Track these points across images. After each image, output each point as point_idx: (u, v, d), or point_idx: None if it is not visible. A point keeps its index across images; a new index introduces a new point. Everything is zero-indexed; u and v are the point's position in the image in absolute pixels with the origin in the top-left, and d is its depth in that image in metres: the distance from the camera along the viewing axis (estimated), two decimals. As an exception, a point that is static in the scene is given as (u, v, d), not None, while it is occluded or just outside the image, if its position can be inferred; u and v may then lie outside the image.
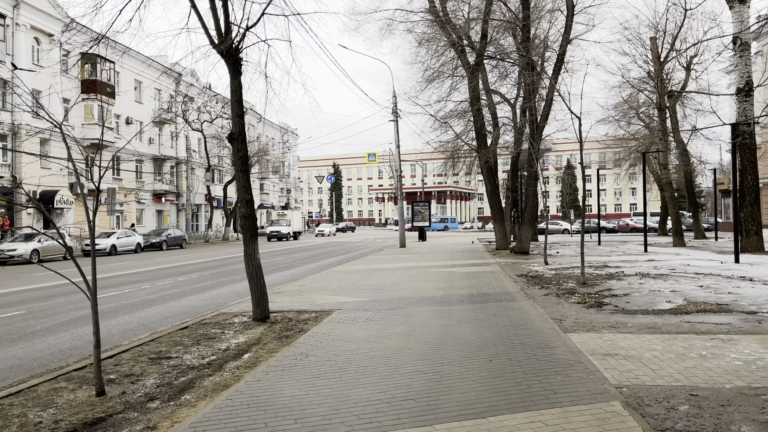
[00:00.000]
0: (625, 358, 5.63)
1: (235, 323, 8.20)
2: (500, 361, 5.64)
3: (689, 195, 34.58)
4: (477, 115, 23.78)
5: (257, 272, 8.28)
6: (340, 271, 16.35)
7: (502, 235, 25.02)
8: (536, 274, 14.17)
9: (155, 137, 48.45)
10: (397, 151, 31.02)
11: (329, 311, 9.04)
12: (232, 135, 8.21)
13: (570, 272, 14.23)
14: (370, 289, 11.73)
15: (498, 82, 27.44)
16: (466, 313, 8.59)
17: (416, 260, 20.03)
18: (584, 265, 12.06)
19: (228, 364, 5.90)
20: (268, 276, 17.23)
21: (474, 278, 13.50)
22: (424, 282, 12.92)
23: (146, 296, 12.48)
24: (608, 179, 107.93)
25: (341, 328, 7.62)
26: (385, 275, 14.74)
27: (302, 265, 20.81)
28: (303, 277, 15.66)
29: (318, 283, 13.37)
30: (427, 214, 39.19)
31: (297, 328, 7.74)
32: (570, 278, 12.83)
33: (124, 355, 6.45)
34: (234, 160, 8.28)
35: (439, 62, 24.76)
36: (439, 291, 11.26)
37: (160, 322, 9.27)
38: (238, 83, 8.17)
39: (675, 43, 26.61)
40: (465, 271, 15.35)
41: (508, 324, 7.61)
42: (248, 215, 8.24)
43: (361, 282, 13.22)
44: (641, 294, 10.00)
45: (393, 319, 8.20)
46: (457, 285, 12.22)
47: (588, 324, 7.47)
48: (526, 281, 12.70)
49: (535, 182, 21.92)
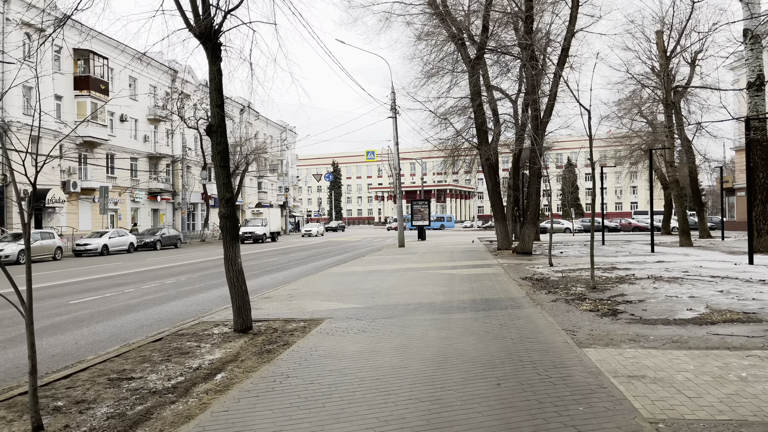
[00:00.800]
0: (654, 382, 4.87)
1: (214, 334, 7.44)
2: (509, 385, 4.88)
3: (694, 193, 33.83)
4: (478, 111, 23.01)
5: (238, 278, 7.52)
6: (335, 273, 15.59)
7: (503, 235, 24.26)
8: (541, 276, 13.41)
9: (150, 135, 47.66)
10: (396, 148, 30.26)
11: (319, 320, 8.28)
12: (210, 127, 7.45)
13: (577, 275, 13.47)
14: (365, 294, 10.97)
15: (499, 77, 26.71)
16: (468, 322, 7.83)
17: (415, 261, 19.28)
18: (594, 268, 11.29)
19: (196, 387, 5.14)
20: (260, 278, 16.60)
21: (476, 281, 12.75)
22: (422, 286, 12.16)
23: (127, 301, 11.72)
24: (609, 178, 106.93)
25: (330, 341, 6.86)
26: (382, 278, 13.98)
27: (297, 266, 20.05)
28: (296, 279, 14.91)
29: (311, 286, 12.61)
30: (427, 213, 38.43)
31: (281, 340, 6.98)
32: (578, 282, 12.07)
33: (82, 375, 5.69)
34: (213, 154, 7.53)
35: (439, 57, 24.02)
36: (438, 296, 10.50)
37: (135, 331, 8.51)
38: (217, 70, 7.40)
39: (682, 36, 25.85)
40: (466, 274, 14.59)
41: (515, 336, 6.85)
42: (228, 215, 7.48)
43: (356, 286, 12.46)
44: (657, 300, 9.24)
45: (388, 329, 7.44)
46: (458, 289, 11.46)
47: (604, 336, 6.71)
48: (531, 285, 11.94)
49: (539, 180, 21.16)
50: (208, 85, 7.55)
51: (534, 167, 20.55)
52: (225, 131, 7.50)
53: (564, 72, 19.05)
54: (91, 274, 18.23)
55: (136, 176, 45.44)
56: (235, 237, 7.55)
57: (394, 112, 30.11)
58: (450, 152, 29.10)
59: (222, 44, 7.51)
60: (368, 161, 40.37)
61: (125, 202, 43.93)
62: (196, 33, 7.27)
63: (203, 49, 7.50)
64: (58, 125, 37.09)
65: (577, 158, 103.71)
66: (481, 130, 23.66)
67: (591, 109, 12.02)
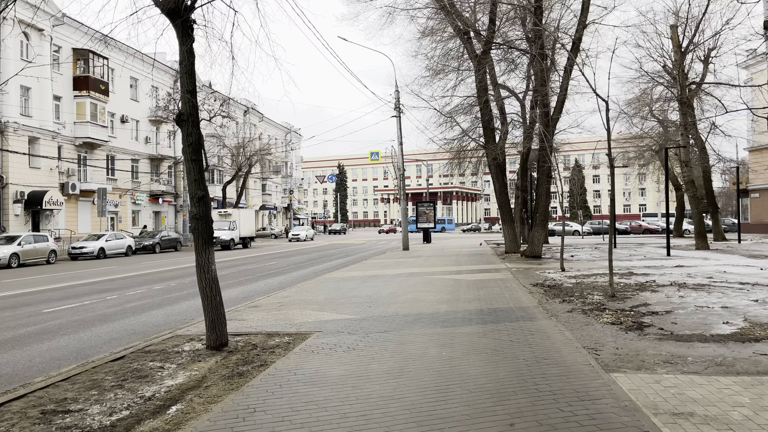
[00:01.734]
0: (705, 422, 3.91)
1: (184, 352, 6.53)
2: (526, 426, 3.93)
3: (708, 195, 32.64)
4: (484, 108, 22.05)
5: (212, 287, 6.61)
6: (333, 279, 14.66)
7: (511, 238, 23.26)
8: (554, 283, 12.42)
9: (152, 136, 46.97)
10: (400, 148, 29.32)
11: (306, 334, 7.35)
12: (180, 116, 6.55)
13: (592, 281, 12.47)
14: (361, 303, 10.03)
15: (506, 75, 25.73)
16: (474, 338, 6.88)
17: (419, 265, 18.32)
18: (612, 274, 10.29)
19: (141, 425, 4.21)
20: (254, 283, 15.65)
21: (483, 288, 11.78)
22: (425, 293, 11.21)
23: (105, 310, 10.84)
24: (618, 179, 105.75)
25: (314, 361, 5.93)
26: (382, 284, 13.04)
27: (295, 271, 19.14)
28: (291, 285, 13.99)
29: (304, 293, 11.68)
30: (432, 215, 37.46)
31: (259, 360, 6.06)
32: (594, 289, 11.07)
33: (14, 405, 4.79)
34: (184, 147, 6.63)
35: (444, 52, 23.07)
36: (442, 305, 9.55)
37: (101, 347, 7.61)
38: (188, 50, 6.50)
39: (697, 31, 24.77)
40: (472, 279, 13.62)
41: (529, 356, 5.89)
42: (200, 216, 6.57)
43: (353, 293, 11.53)
44: (687, 311, 8.25)
45: (382, 347, 6.50)
46: (463, 297, 10.50)
47: (634, 357, 5.74)
48: (543, 292, 10.96)
49: (548, 180, 20.15)
50: (179, 69, 6.64)
51: (544, 166, 19.55)
52: (198, 121, 6.60)
53: (575, 66, 18.09)
54: (79, 279, 17.40)
55: (137, 178, 44.72)
56: (209, 241, 6.64)
57: (398, 111, 29.20)
58: (456, 153, 28.15)
59: (194, 22, 6.61)
60: (372, 162, 39.49)
61: (126, 205, 43.21)
62: (163, 8, 6.38)
63: (173, 27, 6.60)
64: (57, 126, 36.46)
65: (584, 159, 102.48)
66: (487, 128, 22.69)
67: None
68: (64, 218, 36.77)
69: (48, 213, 34.59)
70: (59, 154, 36.56)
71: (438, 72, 23.59)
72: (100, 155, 40.49)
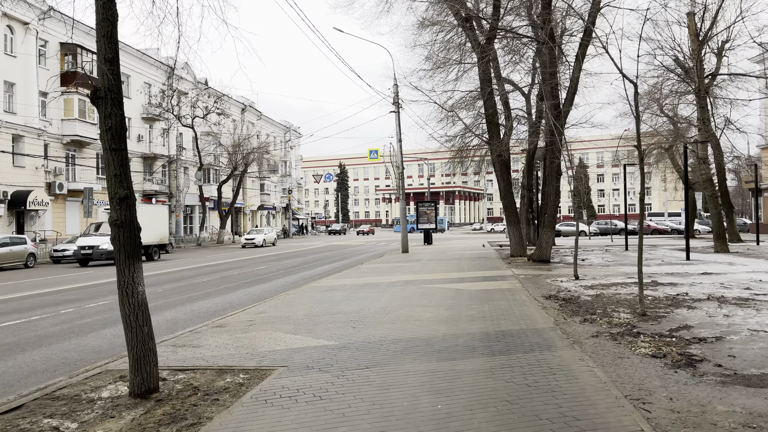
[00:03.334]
0: None
1: (101, 400, 5.01)
2: None
3: (723, 194, 31.01)
4: (488, 101, 20.52)
5: (138, 315, 5.09)
6: (320, 288, 13.14)
7: (517, 240, 21.72)
8: (569, 294, 10.87)
9: (145, 134, 45.52)
10: (399, 145, 27.79)
11: (267, 371, 5.83)
12: (96, 92, 5.02)
13: (614, 293, 10.90)
14: (345, 322, 8.50)
15: (510, 67, 24.14)
16: (480, 379, 5.34)
17: (417, 271, 16.79)
18: (642, 287, 8.72)
19: None
20: (233, 293, 13.81)
21: (488, 301, 10.24)
22: (421, 308, 9.67)
23: (50, 328, 9.33)
24: (620, 179, 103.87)
25: (266, 417, 4.41)
26: (375, 295, 11.51)
27: (284, 276, 17.63)
28: (274, 295, 12.48)
29: (283, 307, 10.16)
30: (434, 215, 35.95)
31: (192, 415, 4.53)
32: (619, 304, 9.52)
33: None
34: (101, 132, 5.10)
35: (445, 42, 21.49)
36: (440, 325, 8.01)
37: (16, 384, 6.10)
38: (102, 4, 4.97)
39: (716, 20, 23.16)
40: (476, 290, 12.09)
41: (553, 413, 4.35)
42: (123, 222, 5.03)
43: (338, 307, 10.00)
44: (741, 338, 6.70)
45: (359, 394, 4.97)
46: (465, 314, 8.96)
47: (699, 416, 4.20)
48: (558, 307, 9.41)
49: (558, 178, 18.60)
50: (95, 33, 5.11)
51: (554, 162, 17.99)
52: (120, 99, 5.08)
53: (589, 51, 16.56)
54: (44, 287, 15.90)
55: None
56: (134, 255, 5.12)
57: (397, 106, 27.68)
58: (458, 151, 26.57)
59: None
60: (371, 161, 37.99)
61: (117, 205, 41.72)
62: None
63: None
64: (43, 123, 35.02)
65: (588, 158, 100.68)
66: (491, 122, 21.15)
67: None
68: (51, 219, 35.35)
69: (33, 214, 33.16)
70: (45, 152, 35.11)
71: (439, 66, 22.03)
72: (90, 153, 39.05)
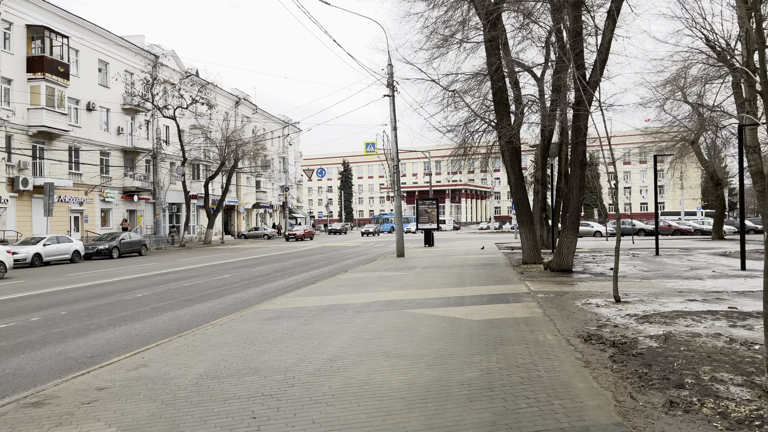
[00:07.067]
0: None
1: None
2: None
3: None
4: (495, 76, 16.95)
5: None
6: (265, 314, 9.63)
7: (531, 244, 18.15)
8: (619, 334, 7.26)
9: (126, 126, 42.16)
10: (393, 133, 24.24)
11: None
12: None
13: (687, 330, 7.28)
14: (251, 396, 4.98)
15: (521, 45, 20.52)
16: None
17: (406, 284, 13.25)
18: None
19: None
20: (154, 317, 8.82)
21: (497, 346, 6.70)
22: (392, 360, 6.14)
23: None
24: (633, 177, 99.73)
25: None
26: (332, 330, 7.99)
27: (239, 291, 14.12)
28: (191, 329, 9.01)
29: (180, 355, 6.66)
30: (435, 215, 32.36)
31: None
32: (712, 359, 5.92)
33: None
34: None
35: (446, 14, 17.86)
36: (414, 408, 4.49)
37: None
38: None
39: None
40: (480, 319, 8.54)
41: None
42: None
43: (264, 356, 6.49)
44: None
45: None
46: (457, 379, 5.42)
47: None
48: (611, 363, 5.84)
49: (583, 168, 15.00)
50: None
51: (578, 149, 14.38)
52: None
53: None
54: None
55: (107, 173, 39.93)
56: None
57: (392, 89, 24.15)
58: (462, 140, 22.82)
59: None
60: (368, 154, 34.52)
61: (93, 202, 38.43)
62: None
63: None
64: (7, 113, 31.77)
65: (599, 156, 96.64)
66: (500, 103, 17.60)
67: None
68: (15, 218, 32.05)
69: (-11, 212, 29.94)
70: (8, 144, 31.84)
71: (440, 45, 18.43)
72: (61, 146, 35.71)
